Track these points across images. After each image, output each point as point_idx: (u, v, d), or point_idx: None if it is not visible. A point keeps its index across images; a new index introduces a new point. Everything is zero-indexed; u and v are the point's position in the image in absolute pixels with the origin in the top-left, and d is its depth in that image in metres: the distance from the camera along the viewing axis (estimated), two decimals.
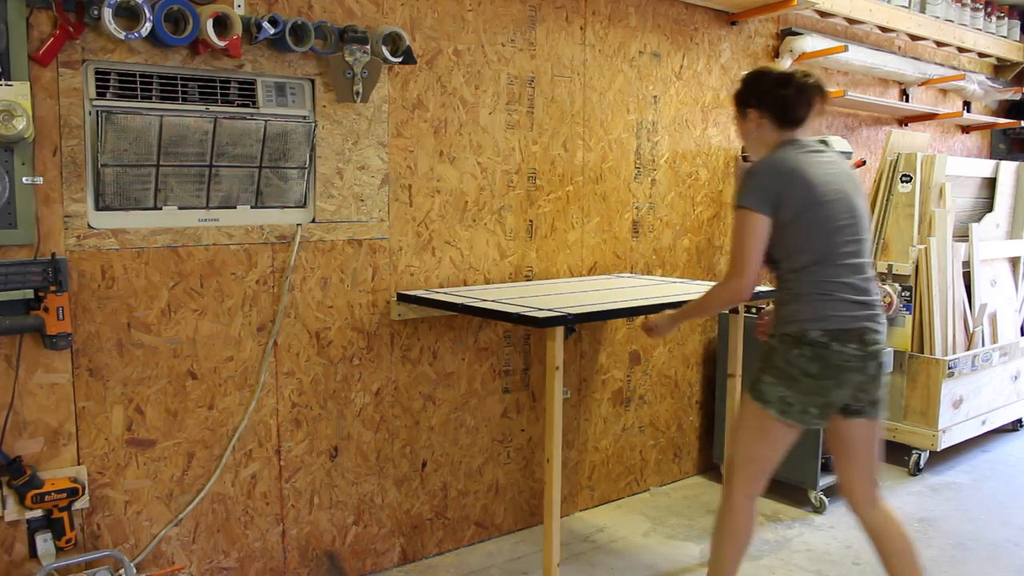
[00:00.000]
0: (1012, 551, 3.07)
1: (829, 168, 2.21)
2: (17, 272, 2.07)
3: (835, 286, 2.15)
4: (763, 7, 3.63)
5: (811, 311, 2.15)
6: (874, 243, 4.04)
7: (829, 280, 2.15)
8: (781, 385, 2.17)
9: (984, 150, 5.58)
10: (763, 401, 2.19)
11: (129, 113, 2.20)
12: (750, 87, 2.32)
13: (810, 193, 2.15)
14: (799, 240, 2.17)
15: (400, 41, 2.62)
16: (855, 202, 2.22)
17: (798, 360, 2.14)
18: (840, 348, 2.12)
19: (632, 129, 3.43)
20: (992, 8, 4.98)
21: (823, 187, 2.16)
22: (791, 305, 2.19)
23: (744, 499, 2.30)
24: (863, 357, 2.15)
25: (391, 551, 2.88)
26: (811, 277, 2.16)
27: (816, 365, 2.13)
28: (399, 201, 2.78)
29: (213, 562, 2.50)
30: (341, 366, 2.70)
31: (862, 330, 2.15)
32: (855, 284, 2.17)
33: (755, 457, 2.28)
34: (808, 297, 2.16)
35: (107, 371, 2.27)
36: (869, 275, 2.22)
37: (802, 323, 2.15)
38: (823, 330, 2.13)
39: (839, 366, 2.13)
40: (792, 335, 2.16)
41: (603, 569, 2.88)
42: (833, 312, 2.14)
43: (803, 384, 2.15)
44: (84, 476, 2.24)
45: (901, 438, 3.88)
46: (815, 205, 2.15)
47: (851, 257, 2.18)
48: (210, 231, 2.41)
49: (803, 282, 2.17)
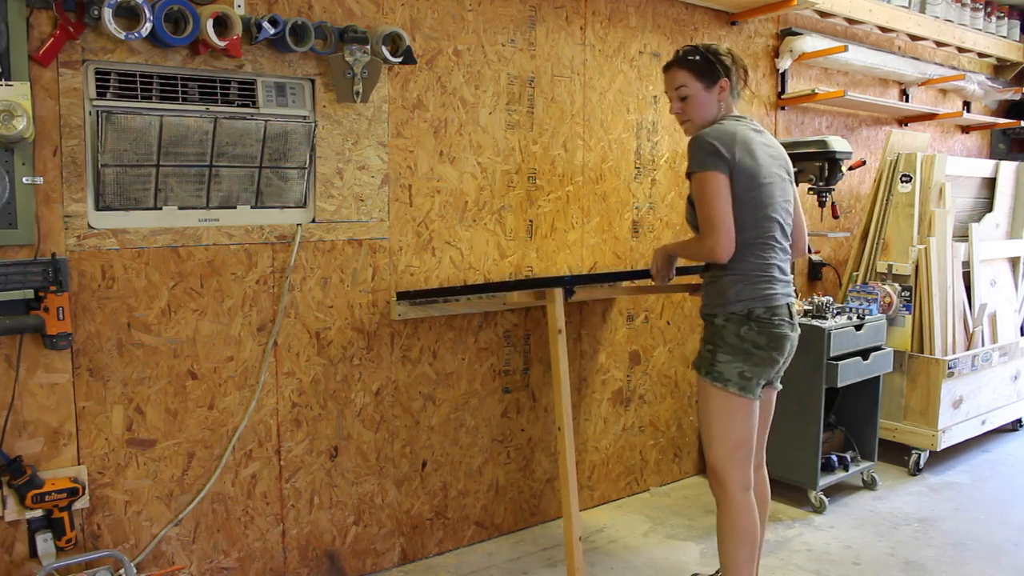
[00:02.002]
0: (1012, 551, 3.07)
1: (769, 151, 2.34)
2: (17, 272, 2.08)
3: (770, 268, 2.31)
4: (763, 7, 3.63)
5: (754, 291, 2.28)
6: (874, 243, 4.04)
7: (765, 262, 2.31)
8: (738, 360, 2.28)
9: (984, 150, 5.58)
10: (723, 381, 2.28)
11: (129, 113, 2.20)
12: (718, 57, 2.38)
13: (755, 173, 2.28)
14: (741, 218, 2.27)
15: (400, 41, 2.62)
16: (786, 187, 2.37)
17: (748, 335, 2.27)
18: (779, 320, 2.30)
19: (632, 129, 3.43)
20: (992, 8, 4.98)
21: (764, 168, 2.30)
22: (736, 287, 2.29)
23: (742, 491, 2.30)
24: (792, 327, 2.34)
25: (391, 551, 2.88)
26: (750, 258, 2.29)
27: (764, 338, 2.28)
28: (399, 201, 2.78)
29: (213, 562, 2.51)
30: (341, 366, 2.70)
31: (788, 304, 2.34)
32: (782, 266, 2.35)
33: (736, 442, 2.30)
34: (750, 279, 2.29)
35: (107, 371, 2.27)
36: (789, 255, 2.40)
37: (748, 302, 2.28)
38: (765, 307, 2.28)
39: (780, 336, 2.30)
40: (739, 313, 2.28)
41: (603, 569, 2.88)
42: (771, 291, 2.30)
43: (755, 356, 2.28)
44: (84, 476, 2.24)
45: (901, 438, 3.88)
46: (757, 186, 2.28)
47: (781, 240, 2.34)
48: (210, 231, 2.41)
49: (743, 262, 2.29)
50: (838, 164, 3.52)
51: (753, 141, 2.30)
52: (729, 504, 2.30)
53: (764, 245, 2.30)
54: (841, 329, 3.33)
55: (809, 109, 4.22)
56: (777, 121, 4.06)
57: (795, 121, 4.16)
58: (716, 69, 2.37)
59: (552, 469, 3.29)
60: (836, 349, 3.30)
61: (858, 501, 3.53)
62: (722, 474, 2.31)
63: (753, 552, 2.32)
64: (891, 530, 3.23)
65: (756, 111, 3.94)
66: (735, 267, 2.29)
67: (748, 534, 2.30)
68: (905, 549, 3.07)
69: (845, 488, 3.65)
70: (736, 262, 2.28)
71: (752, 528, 2.31)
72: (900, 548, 3.07)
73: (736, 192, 2.25)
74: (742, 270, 2.28)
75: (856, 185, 4.56)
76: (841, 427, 3.71)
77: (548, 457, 3.28)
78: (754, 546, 2.32)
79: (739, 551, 2.29)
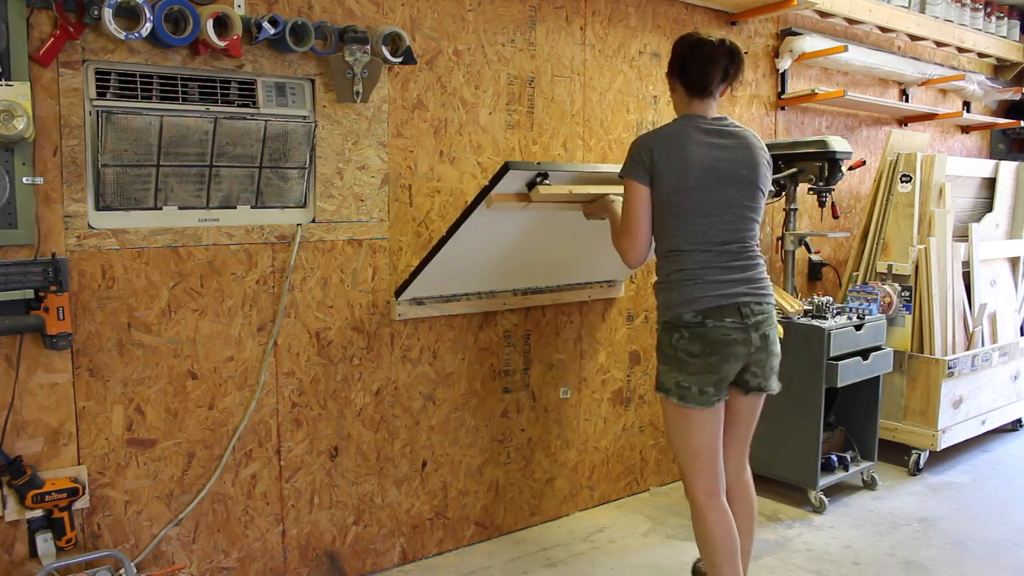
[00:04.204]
0: (1012, 551, 3.07)
1: (716, 152, 2.21)
2: (17, 272, 2.08)
3: (702, 272, 2.20)
4: (763, 7, 3.63)
5: (680, 296, 2.21)
6: (874, 243, 4.04)
7: (695, 268, 2.21)
8: (673, 371, 2.24)
9: (984, 150, 5.58)
10: (664, 391, 2.26)
11: (129, 113, 2.20)
12: (672, 54, 2.32)
13: (684, 177, 2.17)
14: (667, 223, 2.22)
15: (400, 41, 2.62)
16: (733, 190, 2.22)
17: (680, 343, 2.21)
18: (716, 324, 2.18)
19: (632, 129, 3.43)
20: (992, 8, 4.99)
21: (699, 171, 2.18)
22: (664, 293, 2.26)
23: (705, 496, 2.29)
24: (744, 329, 2.20)
25: (391, 551, 2.88)
26: (677, 265, 2.23)
27: (697, 344, 2.19)
28: (399, 201, 2.78)
29: (213, 562, 2.51)
30: (341, 366, 2.70)
31: (739, 304, 2.20)
32: (724, 266, 2.21)
33: (693, 450, 2.28)
34: (677, 284, 2.22)
35: (107, 371, 2.27)
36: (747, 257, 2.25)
37: (675, 308, 2.22)
38: (695, 311, 2.19)
39: (719, 341, 2.19)
40: (670, 321, 2.24)
41: (603, 569, 2.88)
42: (701, 294, 2.19)
43: (690, 365, 2.20)
44: (84, 476, 2.24)
45: (901, 438, 3.88)
46: (686, 190, 2.18)
47: (723, 244, 2.22)
48: (210, 231, 2.41)
49: (671, 270, 2.24)
50: (838, 164, 3.52)
51: (694, 144, 2.19)
52: (695, 509, 2.31)
53: (693, 250, 2.21)
54: (841, 329, 3.33)
55: (809, 109, 4.22)
56: (777, 121, 4.06)
57: (795, 121, 4.16)
58: (669, 66, 2.33)
59: (552, 469, 3.29)
60: (836, 349, 3.30)
61: (858, 501, 3.53)
62: (685, 481, 2.33)
63: (732, 555, 2.29)
64: (891, 530, 3.23)
65: (756, 111, 3.94)
66: (662, 275, 2.28)
67: (720, 538, 2.28)
68: (905, 549, 3.07)
69: (845, 488, 3.65)
70: (662, 270, 2.28)
71: (725, 531, 2.28)
72: (900, 548, 3.07)
73: (659, 195, 2.19)
74: (667, 277, 2.26)
75: (856, 185, 4.56)
76: (841, 427, 3.71)
77: (548, 457, 3.28)
78: (732, 549, 2.29)
79: (715, 554, 2.29)
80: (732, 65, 2.26)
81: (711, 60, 2.23)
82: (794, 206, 3.67)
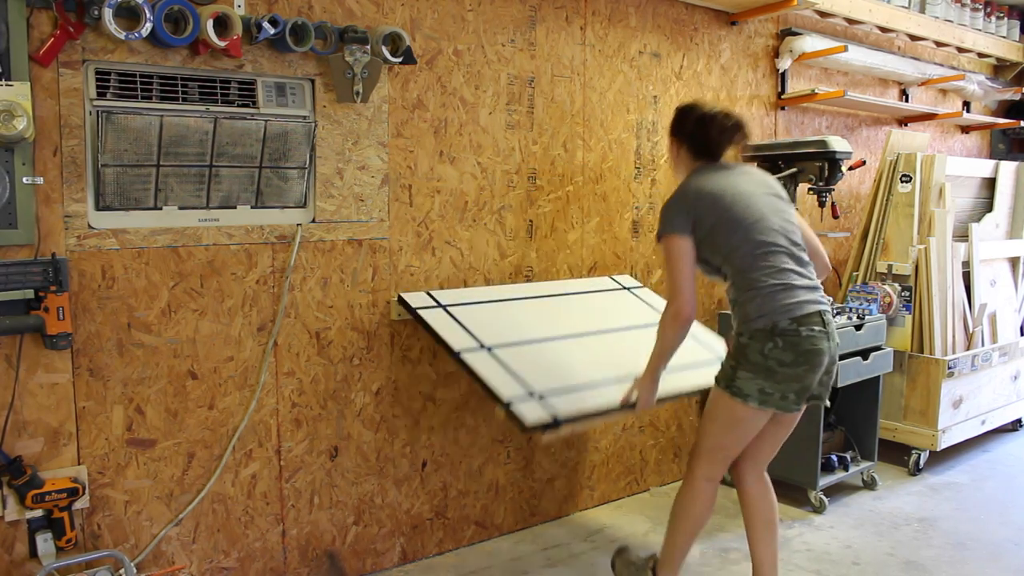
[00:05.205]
0: (1012, 551, 3.07)
1: (734, 178, 2.35)
2: (17, 272, 2.08)
3: (785, 274, 2.26)
4: (763, 7, 3.63)
5: (774, 303, 2.23)
6: (874, 243, 4.04)
7: (778, 269, 2.26)
8: (759, 378, 2.25)
9: (984, 150, 5.58)
10: (743, 396, 2.27)
11: (129, 113, 2.20)
12: (677, 121, 2.47)
13: (718, 201, 2.29)
14: (728, 242, 2.29)
15: (400, 41, 2.62)
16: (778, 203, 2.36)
17: (773, 352, 2.23)
18: (808, 332, 2.23)
19: (632, 129, 3.43)
20: (992, 8, 4.99)
21: (729, 191, 2.30)
22: (755, 302, 2.26)
23: (706, 483, 2.42)
24: (827, 336, 2.27)
25: (391, 551, 2.88)
26: (758, 272, 2.26)
27: (791, 354, 2.23)
28: (399, 201, 2.78)
29: (213, 562, 2.51)
30: (341, 366, 2.70)
31: (821, 311, 2.27)
32: (801, 271, 2.29)
33: (723, 445, 2.39)
34: (767, 290, 2.24)
35: (107, 371, 2.27)
36: (803, 257, 2.34)
37: (770, 316, 2.23)
38: (791, 318, 2.22)
39: (810, 351, 2.24)
40: (763, 329, 2.23)
41: (603, 569, 2.88)
42: (793, 299, 2.24)
43: (780, 374, 2.24)
44: (84, 476, 2.24)
45: (901, 438, 3.88)
46: (725, 208, 2.28)
47: (788, 245, 2.30)
48: (210, 231, 2.41)
49: (753, 278, 2.27)
50: (838, 164, 3.52)
51: (714, 179, 2.34)
52: (692, 487, 2.43)
53: (767, 254, 2.27)
54: (841, 329, 3.33)
55: (809, 109, 4.22)
56: (777, 121, 4.06)
57: (795, 121, 4.16)
58: (672, 128, 2.49)
59: (552, 469, 3.29)
60: None
61: (858, 501, 3.53)
62: (696, 460, 2.43)
63: (694, 536, 2.46)
64: (891, 530, 3.23)
65: (756, 111, 3.94)
66: (748, 285, 2.27)
67: (698, 518, 2.44)
68: (905, 549, 3.07)
69: (845, 488, 3.65)
70: (745, 280, 2.28)
71: (703, 514, 2.44)
72: (900, 548, 3.07)
73: (705, 228, 2.29)
74: (756, 285, 2.26)
75: (856, 185, 4.56)
76: (841, 427, 3.71)
77: (548, 457, 3.28)
78: (697, 531, 2.45)
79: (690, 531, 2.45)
80: (739, 134, 2.40)
81: (722, 131, 2.38)
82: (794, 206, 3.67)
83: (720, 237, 2.29)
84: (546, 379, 2.52)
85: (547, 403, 2.39)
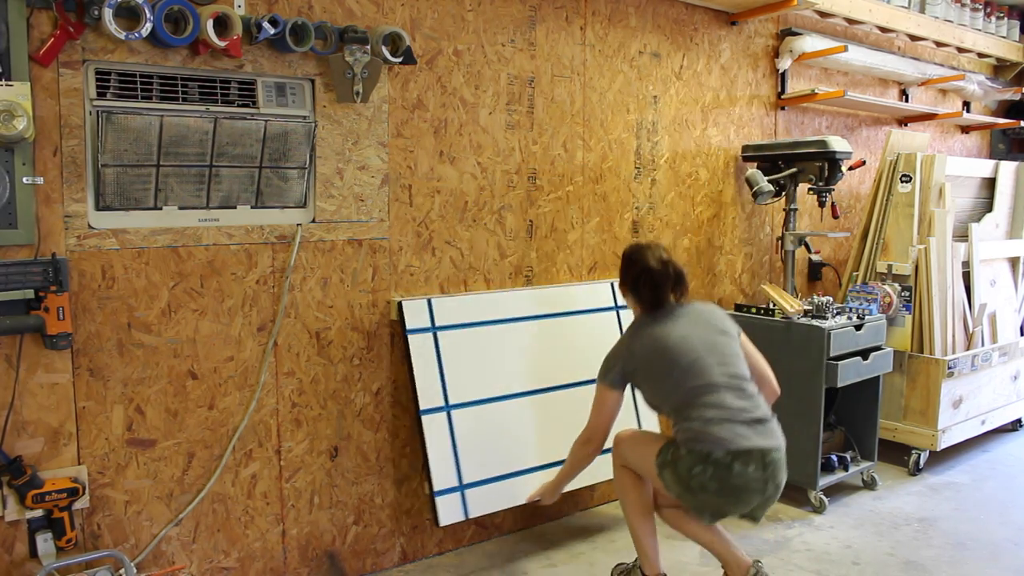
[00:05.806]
0: (1012, 551, 3.07)
1: (671, 325, 2.40)
2: (17, 272, 2.08)
3: (723, 410, 2.28)
4: (763, 7, 3.63)
5: (710, 436, 2.26)
6: (874, 243, 4.04)
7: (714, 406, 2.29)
8: (679, 487, 2.32)
9: (984, 150, 5.58)
10: (663, 480, 2.36)
11: (129, 113, 2.20)
12: (622, 268, 2.56)
13: (653, 353, 2.37)
14: (663, 387, 2.38)
15: (400, 41, 2.62)
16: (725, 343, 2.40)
17: (699, 475, 2.26)
18: (741, 469, 2.23)
19: (632, 129, 3.43)
20: (992, 8, 4.99)
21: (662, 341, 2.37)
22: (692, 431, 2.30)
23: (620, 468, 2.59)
24: (763, 479, 2.26)
25: (391, 551, 2.88)
26: (696, 411, 2.30)
27: (716, 483, 2.25)
28: (399, 201, 2.78)
29: (213, 562, 2.51)
30: (341, 366, 2.70)
31: (763, 452, 2.26)
32: (739, 405, 2.30)
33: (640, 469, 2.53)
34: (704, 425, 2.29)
35: (107, 371, 2.27)
36: (748, 389, 2.36)
37: (707, 443, 2.25)
38: (727, 450, 2.23)
39: (739, 487, 2.25)
40: (698, 452, 2.26)
41: (603, 569, 2.88)
42: (732, 433, 2.26)
43: (699, 496, 2.29)
44: (84, 476, 2.24)
45: (901, 438, 3.88)
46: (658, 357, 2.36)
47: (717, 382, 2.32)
48: (210, 231, 2.41)
49: (692, 415, 2.31)
50: (838, 164, 3.52)
51: (657, 326, 2.41)
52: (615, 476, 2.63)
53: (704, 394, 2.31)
54: (841, 329, 3.33)
55: (809, 109, 4.22)
56: (777, 121, 4.06)
57: (795, 121, 4.16)
58: (623, 275, 2.56)
59: None
60: (836, 349, 3.30)
61: (858, 501, 3.53)
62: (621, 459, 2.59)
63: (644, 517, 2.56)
64: (891, 530, 3.23)
65: (756, 111, 3.94)
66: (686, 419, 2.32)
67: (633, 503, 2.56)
68: (905, 549, 3.07)
69: (845, 488, 3.65)
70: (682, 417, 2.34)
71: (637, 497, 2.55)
72: (900, 548, 3.07)
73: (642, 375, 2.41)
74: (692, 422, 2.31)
75: (856, 185, 4.56)
76: (841, 427, 3.71)
77: None
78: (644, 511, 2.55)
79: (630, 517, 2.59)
80: (678, 287, 2.47)
81: (660, 286, 2.45)
82: (794, 206, 3.68)
83: (656, 384, 2.40)
84: (480, 466, 2.79)
85: (466, 499, 2.74)
